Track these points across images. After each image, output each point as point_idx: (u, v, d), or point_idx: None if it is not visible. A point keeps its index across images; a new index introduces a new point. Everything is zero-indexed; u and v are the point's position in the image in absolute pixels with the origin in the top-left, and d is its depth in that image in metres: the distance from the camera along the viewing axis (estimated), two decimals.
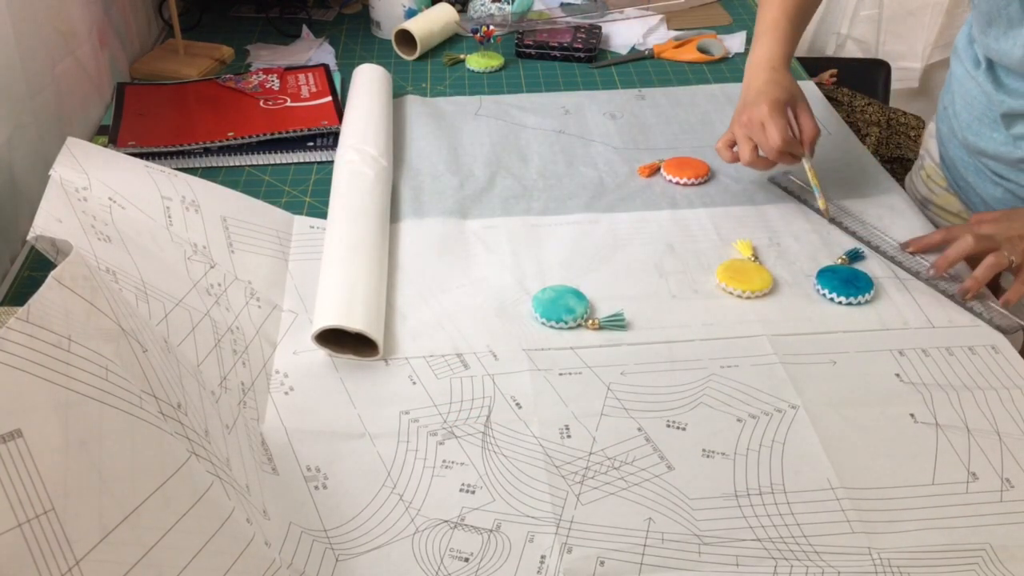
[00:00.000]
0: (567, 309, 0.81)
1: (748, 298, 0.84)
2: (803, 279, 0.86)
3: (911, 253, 0.88)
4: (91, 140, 1.02)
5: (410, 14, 1.33)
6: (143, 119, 1.10)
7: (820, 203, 0.93)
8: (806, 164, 0.92)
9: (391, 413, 0.73)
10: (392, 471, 0.68)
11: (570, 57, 1.30)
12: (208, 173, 1.03)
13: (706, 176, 1.02)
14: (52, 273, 0.49)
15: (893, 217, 0.95)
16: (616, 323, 0.81)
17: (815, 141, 0.91)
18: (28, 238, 0.69)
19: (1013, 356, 0.78)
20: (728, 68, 1.28)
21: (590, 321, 0.81)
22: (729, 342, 0.79)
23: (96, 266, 0.68)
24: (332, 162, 1.02)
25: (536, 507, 0.66)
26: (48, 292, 0.48)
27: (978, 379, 0.75)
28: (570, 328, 0.80)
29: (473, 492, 0.67)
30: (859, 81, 1.78)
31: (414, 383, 0.76)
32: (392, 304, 0.84)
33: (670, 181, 1.02)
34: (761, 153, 0.90)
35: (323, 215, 0.93)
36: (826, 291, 0.84)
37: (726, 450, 0.70)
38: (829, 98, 1.20)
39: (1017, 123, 0.85)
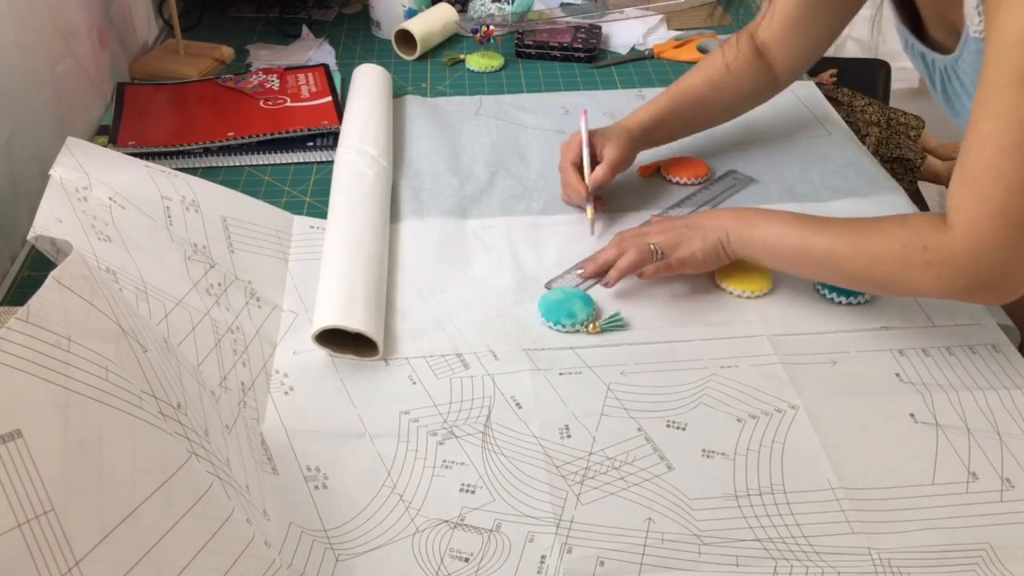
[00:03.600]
0: (568, 313, 0.81)
1: (748, 298, 0.84)
2: (803, 279, 0.86)
3: (584, 278, 0.87)
4: (91, 140, 1.02)
5: (410, 14, 1.33)
6: (143, 119, 1.10)
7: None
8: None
9: (391, 413, 0.73)
10: (392, 471, 0.68)
11: (570, 57, 1.30)
12: (208, 173, 1.03)
13: (706, 176, 1.02)
14: (52, 273, 0.48)
15: None
16: (615, 324, 0.81)
17: (595, 183, 0.93)
18: (28, 238, 0.69)
19: (1013, 356, 0.78)
20: None
21: (590, 326, 0.80)
22: (729, 342, 0.79)
23: (96, 266, 0.68)
24: (332, 162, 1.02)
25: (536, 507, 0.66)
26: (48, 292, 0.48)
27: (978, 379, 0.75)
28: (568, 332, 0.80)
29: (473, 492, 0.67)
30: (859, 81, 1.78)
31: (414, 383, 0.76)
32: (392, 304, 0.84)
33: (670, 181, 1.02)
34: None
35: (323, 215, 0.93)
36: (826, 291, 0.84)
37: (726, 450, 0.70)
38: (829, 98, 1.20)
39: None
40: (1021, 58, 0.62)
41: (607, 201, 0.97)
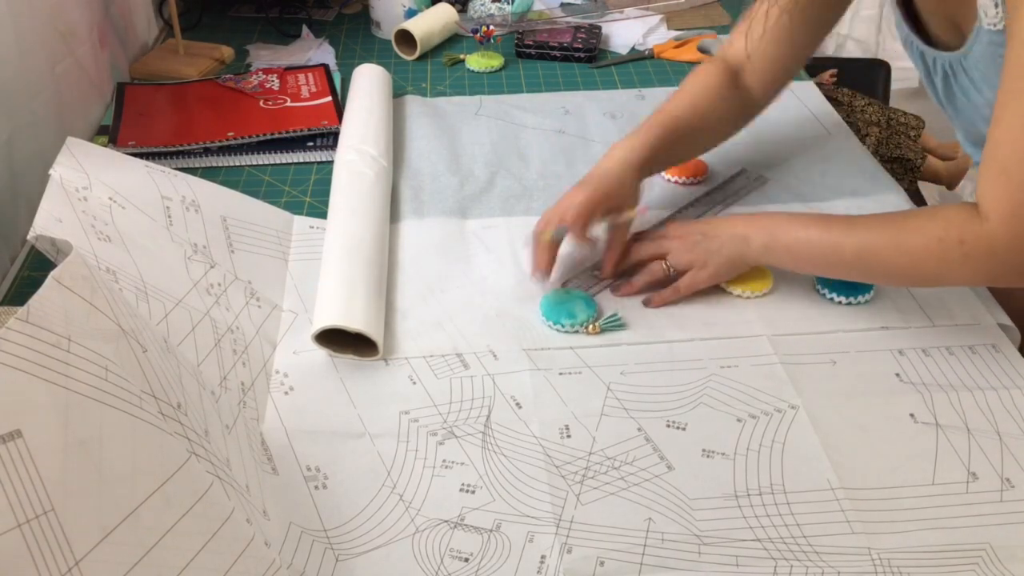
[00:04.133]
0: (569, 313, 0.81)
1: (748, 298, 0.84)
2: (803, 279, 0.86)
3: (602, 279, 0.85)
4: (91, 140, 1.02)
5: (410, 14, 1.33)
6: (143, 119, 1.10)
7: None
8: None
9: (391, 413, 0.73)
10: (392, 471, 0.68)
11: (570, 57, 1.30)
12: (208, 173, 1.03)
13: (704, 175, 1.02)
14: (52, 273, 0.48)
15: None
16: (615, 324, 0.81)
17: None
18: (28, 238, 0.69)
19: (1013, 356, 0.78)
20: None
21: (590, 326, 0.80)
22: (729, 342, 0.79)
23: (96, 266, 0.68)
24: (332, 162, 1.02)
25: (536, 507, 0.66)
26: (48, 292, 0.48)
27: (978, 379, 0.75)
28: (568, 332, 0.80)
29: (473, 492, 0.67)
30: (859, 81, 1.79)
31: (414, 383, 0.76)
32: (392, 304, 0.84)
33: (668, 180, 1.02)
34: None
35: (323, 215, 0.93)
36: (826, 291, 0.84)
37: (726, 450, 0.70)
38: (829, 98, 1.20)
39: None
40: None
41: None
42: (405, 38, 1.31)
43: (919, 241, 0.72)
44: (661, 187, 1.01)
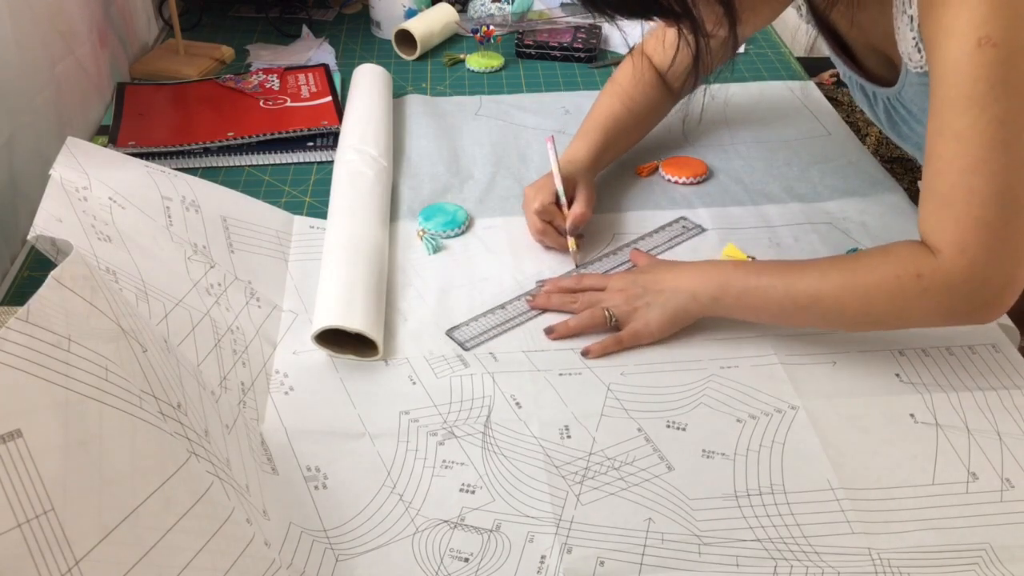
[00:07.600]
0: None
1: None
2: None
3: (531, 307, 0.83)
4: (91, 140, 1.02)
5: (410, 14, 1.33)
6: (143, 119, 1.10)
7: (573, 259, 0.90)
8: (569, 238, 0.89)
9: (391, 413, 0.73)
10: (392, 471, 0.68)
11: (570, 57, 1.30)
12: (208, 173, 1.03)
13: (704, 175, 1.02)
14: (52, 273, 0.49)
15: (894, 216, 0.94)
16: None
17: (578, 221, 0.88)
18: (28, 238, 0.69)
19: (1013, 356, 0.78)
20: (728, 68, 1.28)
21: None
22: (729, 342, 0.79)
23: (96, 266, 0.68)
24: (332, 162, 1.02)
25: (536, 507, 0.66)
26: (48, 292, 0.48)
27: (978, 379, 0.75)
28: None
29: (473, 492, 0.67)
30: None
31: (414, 383, 0.76)
32: (392, 304, 0.84)
33: (669, 180, 1.02)
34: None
35: (323, 215, 0.93)
36: None
37: (726, 450, 0.70)
38: (829, 98, 1.21)
39: None
40: (967, 81, 0.63)
41: (585, 237, 0.93)
42: (405, 38, 1.31)
43: (874, 279, 0.70)
44: (662, 187, 1.01)
